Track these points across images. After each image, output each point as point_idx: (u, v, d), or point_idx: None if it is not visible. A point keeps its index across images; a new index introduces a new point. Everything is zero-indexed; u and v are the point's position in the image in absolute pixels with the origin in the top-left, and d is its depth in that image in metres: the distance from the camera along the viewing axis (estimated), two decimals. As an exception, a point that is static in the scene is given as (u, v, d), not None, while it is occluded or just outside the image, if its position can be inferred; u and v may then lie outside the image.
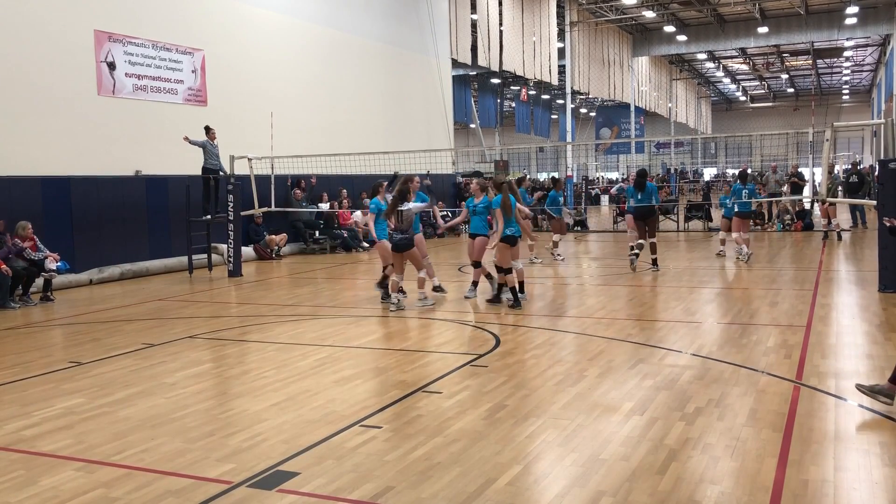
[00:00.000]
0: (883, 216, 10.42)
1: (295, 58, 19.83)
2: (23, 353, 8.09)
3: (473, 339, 8.28)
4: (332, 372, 6.89)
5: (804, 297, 10.18)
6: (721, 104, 69.01)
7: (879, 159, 11.91)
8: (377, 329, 9.09)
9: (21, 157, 13.27)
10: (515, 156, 65.15)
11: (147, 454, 4.86)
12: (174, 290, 12.97)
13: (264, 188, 15.93)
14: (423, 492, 4.14)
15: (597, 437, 4.93)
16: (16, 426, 5.53)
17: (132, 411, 5.83)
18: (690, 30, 39.44)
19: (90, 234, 14.24)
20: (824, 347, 7.34)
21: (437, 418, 5.40)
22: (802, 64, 50.86)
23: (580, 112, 54.81)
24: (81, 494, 4.25)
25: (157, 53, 15.88)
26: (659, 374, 6.50)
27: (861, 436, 4.90)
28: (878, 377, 6.18)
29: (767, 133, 39.84)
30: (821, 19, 35.87)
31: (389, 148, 20.34)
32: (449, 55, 27.19)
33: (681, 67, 52.94)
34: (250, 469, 4.54)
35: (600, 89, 39.56)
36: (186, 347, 8.20)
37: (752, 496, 3.99)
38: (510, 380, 6.40)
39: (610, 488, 4.12)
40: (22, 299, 11.53)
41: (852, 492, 4.06)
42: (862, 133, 58.45)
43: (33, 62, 13.55)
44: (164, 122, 15.88)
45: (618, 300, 10.51)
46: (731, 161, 63.20)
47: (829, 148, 12.48)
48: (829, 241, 17.61)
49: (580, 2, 35.62)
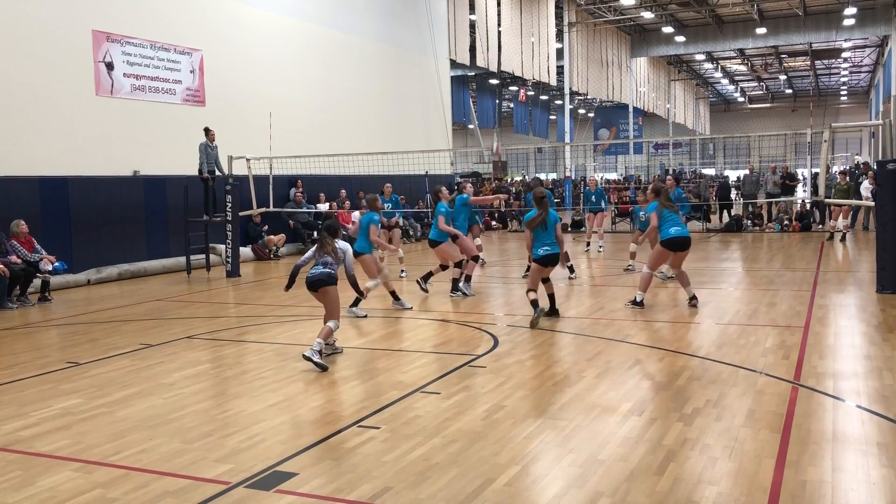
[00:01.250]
0: (881, 217, 10.45)
1: (293, 58, 19.83)
2: (20, 354, 8.08)
3: (472, 339, 8.27)
4: (331, 372, 6.88)
5: (802, 298, 10.18)
6: (719, 105, 69.10)
7: (877, 160, 11.92)
8: (375, 330, 9.08)
9: (19, 157, 13.26)
10: (514, 156, 65.15)
11: (145, 454, 4.86)
12: (172, 290, 12.96)
13: (263, 188, 15.93)
14: (422, 492, 4.14)
15: (595, 438, 4.93)
16: (13, 426, 5.52)
17: (130, 412, 5.82)
18: (689, 31, 39.48)
19: (88, 235, 14.22)
20: (822, 348, 7.35)
21: (435, 419, 5.40)
22: (801, 65, 50.94)
23: (578, 113, 54.86)
24: (79, 495, 4.25)
25: (156, 53, 15.87)
26: (657, 374, 6.50)
27: (859, 436, 4.89)
28: (876, 378, 6.19)
29: (766, 134, 39.94)
30: (819, 20, 35.93)
31: (388, 148, 20.35)
32: (447, 55, 27.21)
33: (679, 68, 53.00)
34: (248, 469, 4.54)
35: (599, 90, 39.60)
36: (184, 348, 8.20)
37: (750, 497, 3.99)
38: (508, 380, 6.40)
39: (608, 489, 4.12)
40: (20, 299, 11.52)
41: (850, 492, 4.06)
42: (860, 134, 58.51)
43: (31, 62, 13.54)
44: (162, 123, 15.88)
45: (616, 301, 10.50)
46: (729, 162, 63.25)
47: (827, 149, 12.50)
48: (831, 242, 17.64)
49: (579, 2, 35.65)
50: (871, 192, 13.02)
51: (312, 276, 7.35)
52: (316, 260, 7.48)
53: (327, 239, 7.48)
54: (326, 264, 7.37)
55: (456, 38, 27.64)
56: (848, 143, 60.72)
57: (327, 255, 7.41)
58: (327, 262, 7.38)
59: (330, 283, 7.30)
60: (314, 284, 7.33)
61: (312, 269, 7.42)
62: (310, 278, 7.35)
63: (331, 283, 7.30)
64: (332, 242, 7.45)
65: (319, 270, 7.34)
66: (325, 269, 7.34)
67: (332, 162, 17.85)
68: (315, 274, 7.34)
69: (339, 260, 7.44)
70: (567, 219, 25.87)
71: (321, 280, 7.28)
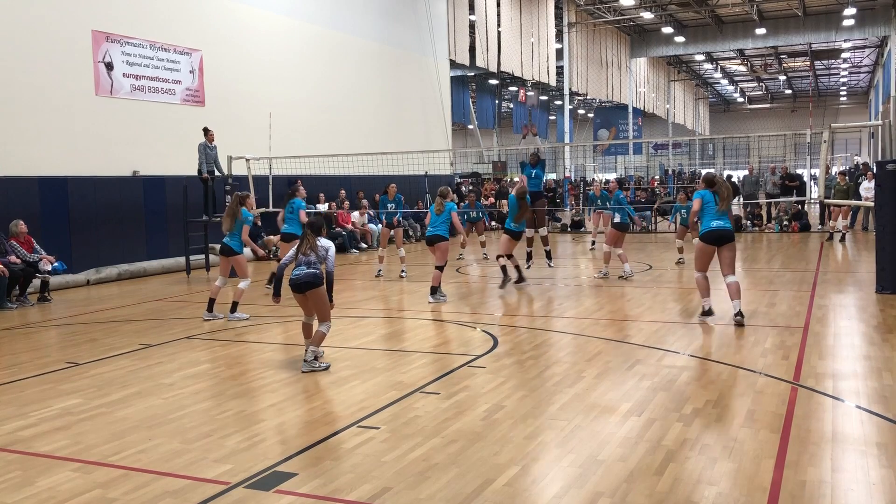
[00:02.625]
0: (880, 217, 10.45)
1: (293, 58, 19.83)
2: (20, 354, 8.08)
3: (471, 339, 8.27)
4: (330, 373, 6.88)
5: (802, 298, 10.19)
6: (719, 105, 69.10)
7: (877, 161, 11.93)
8: (375, 330, 9.08)
9: (19, 157, 13.26)
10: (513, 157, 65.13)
11: (144, 455, 4.86)
12: (172, 290, 12.96)
13: (262, 188, 15.92)
14: (421, 493, 4.14)
15: (594, 438, 4.93)
16: (13, 427, 5.52)
17: (130, 412, 5.82)
18: (688, 31, 39.49)
19: (87, 235, 14.23)
20: (822, 348, 7.35)
21: (434, 419, 5.40)
22: (800, 65, 50.94)
23: (578, 113, 54.86)
24: (79, 495, 4.25)
25: (155, 54, 15.87)
26: (657, 375, 6.50)
27: (858, 437, 4.90)
28: (875, 378, 6.20)
29: (765, 134, 39.88)
30: (818, 21, 35.94)
31: (387, 148, 20.34)
32: (447, 56, 27.21)
33: (679, 69, 53.00)
34: (248, 470, 4.54)
35: (598, 90, 39.60)
36: (184, 348, 8.20)
37: (749, 497, 3.99)
38: (508, 381, 6.40)
39: (607, 489, 4.12)
40: (19, 300, 11.52)
41: (849, 493, 4.06)
42: (860, 134, 58.52)
43: (31, 62, 13.54)
44: (161, 123, 15.88)
45: (616, 301, 10.51)
46: (728, 162, 63.26)
47: (826, 149, 12.50)
48: (831, 243, 17.65)
49: (578, 3, 35.65)
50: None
51: (297, 277, 6.95)
52: (298, 260, 7.05)
53: (310, 236, 7.09)
54: (310, 264, 6.97)
55: (455, 38, 27.64)
56: (847, 144, 60.71)
57: (311, 254, 7.01)
58: (311, 262, 6.98)
59: (316, 284, 6.93)
60: (300, 287, 6.94)
61: (296, 270, 7.01)
62: (294, 280, 6.95)
63: (317, 284, 6.94)
64: (314, 240, 7.06)
65: (304, 271, 6.94)
66: (310, 269, 6.96)
67: (331, 162, 17.84)
68: (300, 275, 6.93)
69: (322, 258, 7.02)
70: (567, 219, 25.91)
71: (307, 283, 6.91)
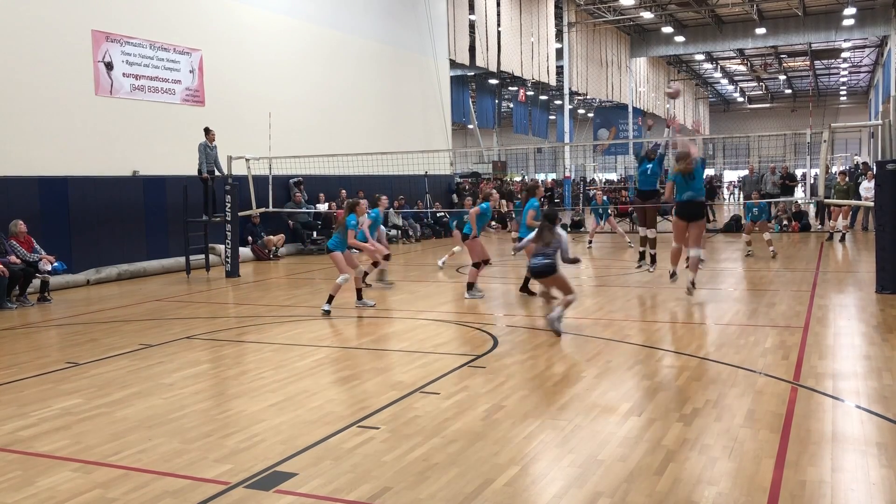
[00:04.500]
0: (880, 217, 10.45)
1: (293, 58, 19.83)
2: (20, 354, 8.08)
3: (471, 339, 8.27)
4: (330, 372, 6.89)
5: (802, 298, 10.19)
6: (719, 105, 69.06)
7: (877, 160, 11.92)
8: (375, 330, 9.08)
9: (18, 157, 13.26)
10: (513, 157, 65.13)
11: (144, 455, 4.86)
12: (172, 290, 12.96)
13: (262, 188, 15.93)
14: (421, 492, 4.14)
15: (594, 438, 4.93)
16: (13, 426, 5.52)
17: (129, 412, 5.82)
18: (688, 31, 39.48)
19: (87, 235, 14.22)
20: (822, 348, 7.35)
21: (434, 419, 5.40)
22: (800, 65, 50.92)
23: (578, 113, 54.84)
24: (78, 495, 4.25)
25: (155, 53, 15.87)
26: (657, 374, 6.51)
27: (858, 437, 4.90)
28: (875, 378, 6.20)
29: (765, 134, 39.87)
30: (818, 21, 35.93)
31: (387, 148, 20.35)
32: (447, 56, 27.21)
33: (679, 68, 52.96)
34: (248, 470, 4.54)
35: (598, 90, 39.59)
36: (184, 348, 8.20)
37: (749, 497, 3.99)
38: (508, 380, 6.40)
39: (607, 489, 4.12)
40: (19, 300, 11.51)
41: (850, 493, 4.06)
42: (860, 134, 58.50)
43: (31, 62, 13.53)
44: (161, 123, 15.88)
45: (615, 301, 10.51)
46: (728, 162, 63.25)
47: (826, 149, 12.50)
48: (831, 242, 17.65)
49: (578, 3, 35.65)
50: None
51: (535, 266, 8.25)
52: (536, 249, 8.28)
53: (548, 227, 8.29)
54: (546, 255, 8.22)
55: (455, 38, 27.64)
56: (847, 144, 60.67)
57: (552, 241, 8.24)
58: (547, 253, 8.22)
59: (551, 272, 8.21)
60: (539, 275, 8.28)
61: (534, 259, 8.24)
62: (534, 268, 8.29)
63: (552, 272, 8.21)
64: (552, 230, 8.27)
65: (541, 261, 8.19)
66: (546, 259, 8.19)
67: (331, 162, 17.85)
68: (537, 265, 8.22)
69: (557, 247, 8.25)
70: (567, 219, 25.90)
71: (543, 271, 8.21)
